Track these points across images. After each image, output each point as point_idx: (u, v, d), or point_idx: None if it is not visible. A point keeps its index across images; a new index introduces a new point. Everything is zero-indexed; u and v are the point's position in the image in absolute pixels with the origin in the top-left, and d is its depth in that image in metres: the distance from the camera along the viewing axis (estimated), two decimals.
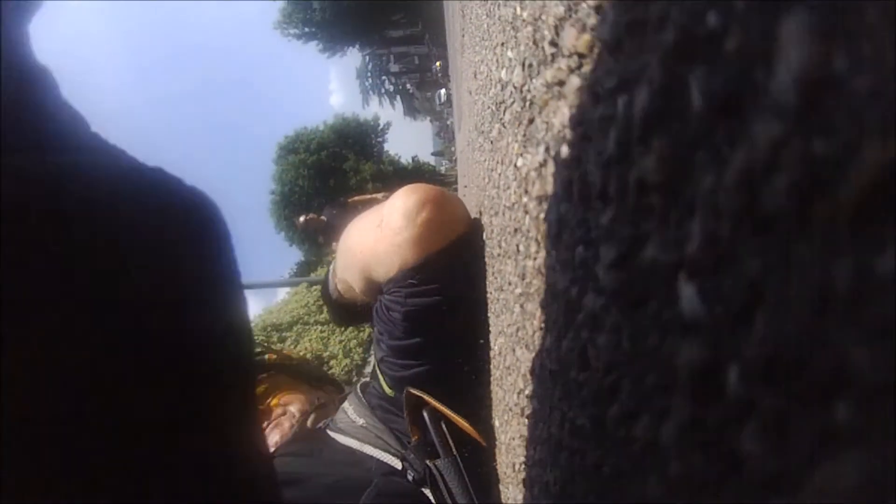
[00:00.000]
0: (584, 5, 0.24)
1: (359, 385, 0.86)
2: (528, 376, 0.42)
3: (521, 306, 0.43)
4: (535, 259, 0.37)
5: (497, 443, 0.64)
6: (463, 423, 0.68)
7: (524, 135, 0.38)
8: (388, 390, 0.78)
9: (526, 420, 0.44)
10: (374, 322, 0.80)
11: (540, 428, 0.37)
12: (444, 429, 0.68)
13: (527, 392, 0.43)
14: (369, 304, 0.97)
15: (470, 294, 0.72)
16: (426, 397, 0.69)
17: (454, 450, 0.67)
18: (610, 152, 0.21)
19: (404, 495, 0.68)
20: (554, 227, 0.30)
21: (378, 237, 0.73)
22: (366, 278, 0.78)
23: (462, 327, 0.74)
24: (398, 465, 0.71)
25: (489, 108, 0.60)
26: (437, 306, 0.72)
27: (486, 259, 0.68)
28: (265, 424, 0.88)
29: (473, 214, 0.79)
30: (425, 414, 0.69)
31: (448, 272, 0.72)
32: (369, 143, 17.62)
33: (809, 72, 0.12)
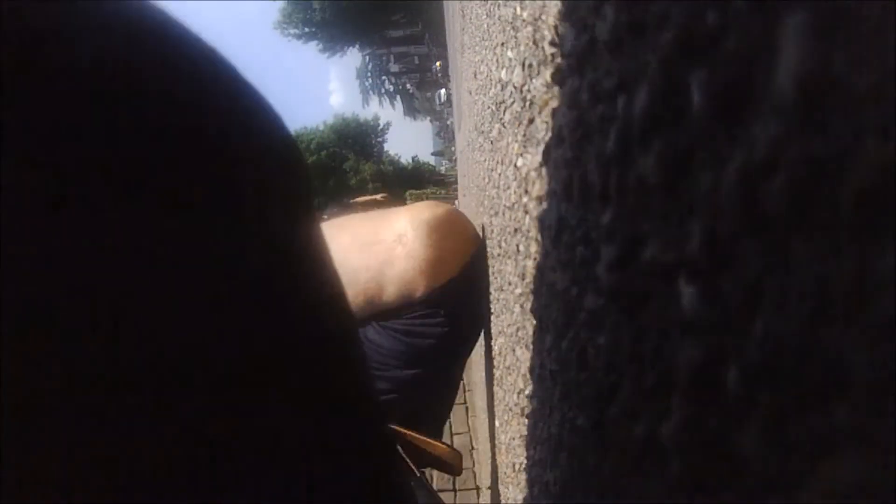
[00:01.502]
0: (583, 5, 0.24)
1: None
2: (528, 376, 0.42)
3: (521, 306, 0.43)
4: (535, 259, 0.37)
5: (497, 443, 0.64)
6: (434, 443, 0.67)
7: (524, 135, 0.38)
8: None
9: (526, 420, 0.44)
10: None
11: (540, 428, 0.37)
12: (402, 453, 0.66)
13: (527, 392, 0.43)
14: None
15: (483, 313, 0.71)
16: (398, 429, 0.67)
17: (416, 470, 0.66)
18: (610, 152, 0.21)
19: None
20: (554, 227, 0.30)
21: (401, 254, 0.68)
22: (371, 297, 0.71)
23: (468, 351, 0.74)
24: None
25: (489, 108, 0.60)
26: (468, 330, 0.71)
27: (487, 259, 0.68)
28: None
29: (473, 215, 0.79)
30: None
31: (476, 291, 0.71)
32: (369, 143, 17.61)
33: (809, 71, 0.12)
